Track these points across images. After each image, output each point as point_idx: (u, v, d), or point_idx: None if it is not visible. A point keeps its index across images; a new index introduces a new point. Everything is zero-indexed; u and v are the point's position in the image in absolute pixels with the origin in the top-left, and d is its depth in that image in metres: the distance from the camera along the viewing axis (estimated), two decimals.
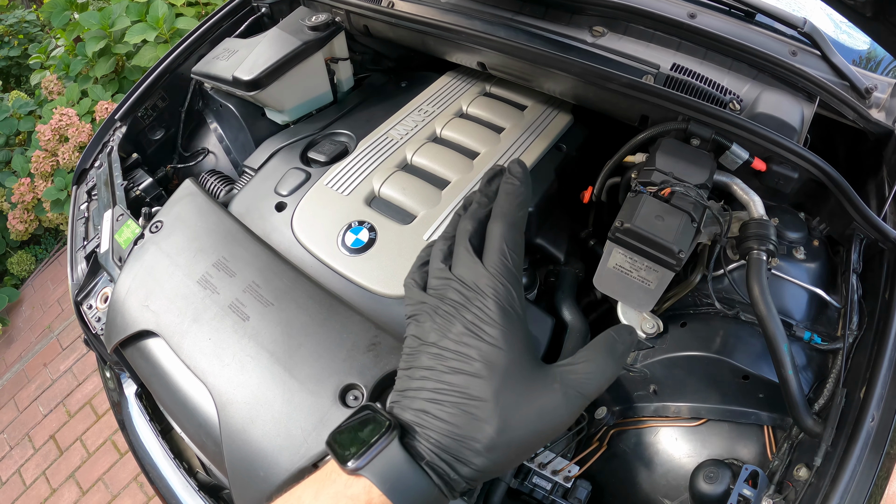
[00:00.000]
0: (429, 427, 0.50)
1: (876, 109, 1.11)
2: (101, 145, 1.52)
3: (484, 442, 0.49)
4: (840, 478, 0.74)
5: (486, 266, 0.55)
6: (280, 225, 1.13)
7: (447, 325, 0.54)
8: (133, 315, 1.04)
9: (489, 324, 0.53)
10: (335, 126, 1.39)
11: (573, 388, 0.52)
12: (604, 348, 0.55)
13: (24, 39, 4.42)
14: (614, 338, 0.56)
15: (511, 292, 0.54)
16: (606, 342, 0.56)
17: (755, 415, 0.89)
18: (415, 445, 0.50)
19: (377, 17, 1.41)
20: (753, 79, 1.14)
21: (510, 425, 0.49)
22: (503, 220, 0.58)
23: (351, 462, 0.48)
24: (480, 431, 0.49)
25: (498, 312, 0.53)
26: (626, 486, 0.96)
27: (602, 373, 0.53)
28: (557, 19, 1.31)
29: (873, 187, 1.09)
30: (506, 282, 0.54)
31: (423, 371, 0.53)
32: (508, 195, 0.61)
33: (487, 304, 0.53)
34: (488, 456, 0.49)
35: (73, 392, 2.74)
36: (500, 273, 0.55)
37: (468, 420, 0.49)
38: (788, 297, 0.95)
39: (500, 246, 0.56)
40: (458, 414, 0.50)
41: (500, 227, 0.58)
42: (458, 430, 0.49)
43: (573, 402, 0.52)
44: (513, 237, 0.57)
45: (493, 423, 0.49)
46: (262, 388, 0.88)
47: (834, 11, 0.88)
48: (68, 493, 2.45)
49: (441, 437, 0.49)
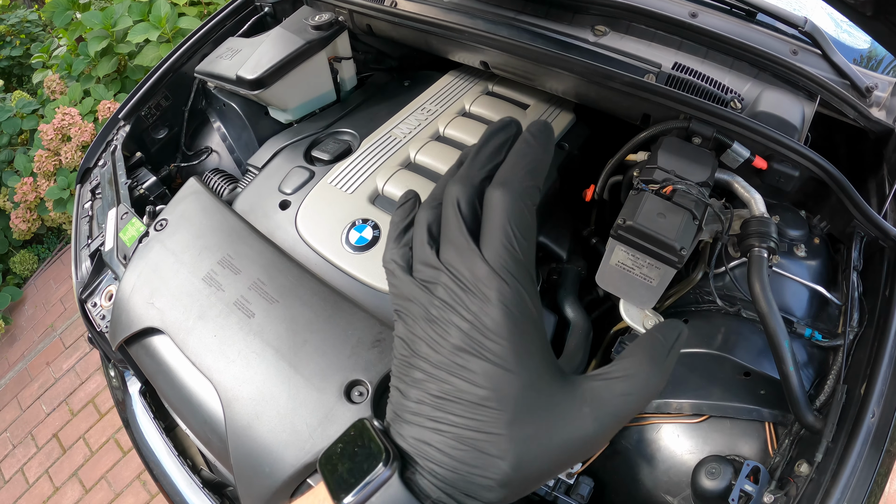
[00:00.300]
0: (432, 461, 0.40)
1: (876, 108, 1.12)
2: (104, 144, 1.53)
3: (497, 478, 0.39)
4: (841, 473, 0.74)
5: (486, 256, 0.40)
6: (284, 223, 1.14)
7: (441, 334, 0.41)
8: (138, 312, 1.05)
9: (494, 340, 0.39)
10: (338, 125, 1.40)
11: (607, 411, 0.40)
12: (649, 356, 0.42)
13: (25, 39, 4.42)
14: (660, 340, 0.42)
15: (521, 293, 0.40)
16: (651, 346, 0.42)
17: (757, 411, 0.90)
18: (416, 481, 0.40)
19: (380, 16, 1.41)
20: (754, 77, 1.15)
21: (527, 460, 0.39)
22: (508, 188, 0.41)
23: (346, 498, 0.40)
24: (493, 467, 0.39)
25: (504, 323, 0.39)
26: (629, 482, 0.96)
27: (644, 387, 0.41)
28: (560, 18, 1.31)
29: (874, 185, 1.09)
30: (513, 279, 0.40)
31: (416, 391, 0.42)
32: (519, 156, 0.44)
33: (490, 311, 0.39)
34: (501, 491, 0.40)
35: (75, 391, 2.75)
36: (504, 267, 0.40)
37: (477, 456, 0.39)
38: (789, 294, 0.95)
39: (503, 227, 0.40)
40: (465, 449, 0.40)
41: (503, 198, 0.41)
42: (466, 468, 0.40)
43: (606, 428, 0.40)
44: (520, 214, 0.41)
45: (508, 460, 0.39)
46: (267, 385, 0.88)
47: (835, 10, 0.88)
48: (71, 492, 2.45)
49: (447, 472, 0.40)
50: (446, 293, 0.41)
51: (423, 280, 0.43)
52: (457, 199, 0.42)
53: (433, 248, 0.43)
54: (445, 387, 0.40)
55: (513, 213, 0.41)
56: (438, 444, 0.40)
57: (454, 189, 0.43)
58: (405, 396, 0.42)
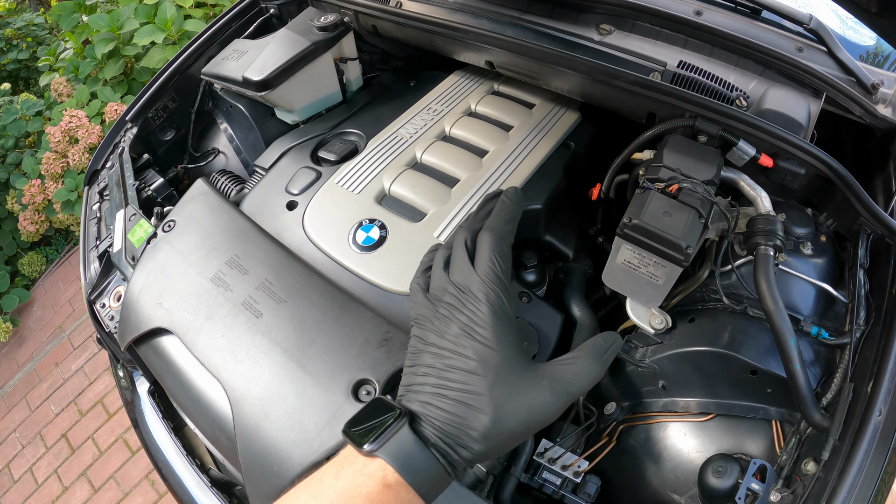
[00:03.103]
0: (433, 416, 0.56)
1: (882, 105, 1.12)
2: (112, 146, 1.54)
3: (480, 430, 0.55)
4: (847, 472, 0.74)
5: (478, 272, 0.63)
6: (291, 223, 1.14)
7: (445, 326, 0.61)
8: (147, 313, 1.06)
9: (482, 326, 0.59)
10: (345, 125, 1.40)
11: (560, 385, 0.58)
12: (591, 352, 0.61)
13: (32, 42, 4.45)
14: (601, 344, 0.63)
15: (501, 297, 0.61)
16: (594, 346, 0.62)
17: (763, 409, 0.90)
18: (422, 431, 0.56)
19: (385, 17, 1.42)
20: (760, 75, 1.15)
21: (503, 416, 0.56)
22: (492, 232, 0.66)
23: (367, 445, 0.54)
24: (477, 421, 0.56)
25: (490, 315, 0.60)
26: (636, 481, 0.96)
27: (587, 374, 0.60)
28: (564, 17, 1.31)
29: (880, 183, 1.09)
30: (496, 287, 0.62)
31: (425, 368, 0.60)
32: (499, 212, 0.71)
33: (480, 307, 0.60)
34: (484, 442, 0.56)
35: (84, 391, 2.76)
36: (490, 279, 0.62)
37: (467, 410, 0.56)
38: (796, 292, 0.95)
39: (489, 255, 0.64)
40: (458, 405, 0.56)
41: (488, 237, 0.66)
42: (458, 420, 0.56)
43: (560, 399, 0.58)
44: (500, 247, 0.65)
45: (488, 414, 0.56)
46: (275, 384, 0.89)
47: (840, 7, 0.88)
48: (80, 492, 2.47)
49: (444, 424, 0.56)
50: (452, 299, 0.62)
51: (435, 293, 0.65)
52: (464, 239, 0.68)
53: (446, 271, 0.66)
54: (447, 361, 0.59)
55: (495, 247, 0.65)
56: (439, 403, 0.57)
57: (462, 234, 0.69)
58: (415, 374, 0.60)
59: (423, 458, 0.54)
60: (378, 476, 0.53)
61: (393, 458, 0.53)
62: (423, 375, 0.59)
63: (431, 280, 0.67)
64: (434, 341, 0.61)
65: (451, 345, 0.59)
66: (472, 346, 0.58)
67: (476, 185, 1.15)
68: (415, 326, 0.64)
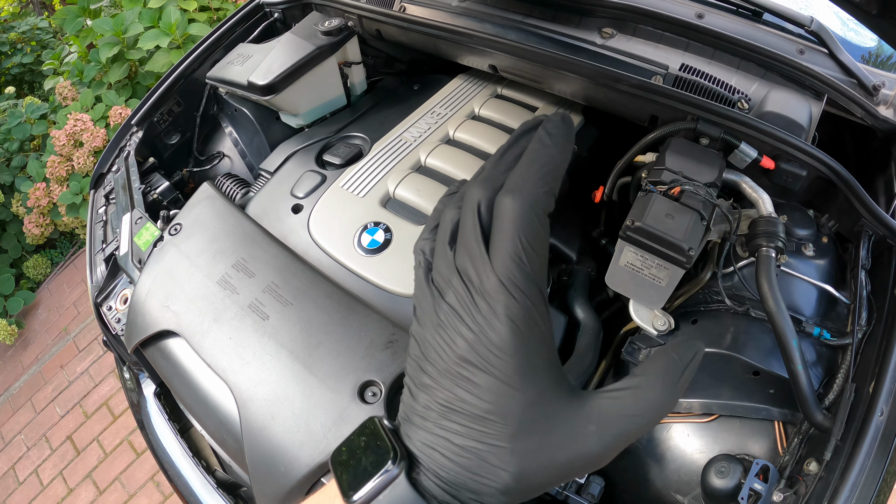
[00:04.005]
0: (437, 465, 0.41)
1: (884, 106, 1.12)
2: (117, 150, 1.55)
3: (499, 486, 0.40)
4: (849, 471, 0.75)
5: (495, 267, 0.39)
6: (297, 227, 1.15)
7: (448, 341, 0.41)
8: (154, 315, 1.07)
9: (498, 356, 0.39)
10: (349, 129, 1.41)
11: (613, 431, 0.40)
12: (663, 375, 0.41)
13: (36, 46, 4.47)
14: (676, 361, 0.42)
15: (529, 309, 0.39)
16: (666, 366, 0.42)
17: (766, 410, 0.90)
18: (422, 482, 0.42)
19: (389, 21, 1.43)
20: (761, 78, 1.16)
21: (530, 472, 0.40)
22: (519, 196, 0.40)
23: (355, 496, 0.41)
24: (495, 476, 0.40)
25: (510, 340, 0.39)
26: (639, 481, 0.97)
27: (653, 409, 0.40)
28: (567, 22, 1.32)
29: (882, 184, 1.09)
30: (521, 294, 0.39)
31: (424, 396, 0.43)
32: (532, 158, 0.42)
33: (496, 326, 0.39)
34: (503, 498, 0.41)
35: (89, 393, 2.77)
36: (512, 281, 0.39)
37: (480, 465, 0.40)
38: (798, 293, 0.96)
39: (512, 238, 0.39)
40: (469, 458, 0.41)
41: (513, 206, 0.39)
42: (469, 475, 0.41)
43: (610, 448, 0.40)
44: (530, 224, 0.39)
45: (510, 471, 0.40)
46: (282, 386, 0.90)
47: (841, 9, 0.89)
48: (85, 493, 2.47)
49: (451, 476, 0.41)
50: (456, 299, 0.41)
51: (438, 282, 0.43)
52: (477, 202, 0.41)
53: (452, 247, 0.42)
54: (451, 396, 0.41)
55: (522, 224, 0.39)
56: (444, 450, 0.41)
57: (475, 192, 0.42)
58: (415, 399, 0.43)
59: None
60: None
61: None
62: (423, 406, 0.42)
63: (434, 257, 0.44)
64: (433, 358, 0.42)
65: (455, 371, 0.40)
66: (485, 381, 0.39)
67: None
68: (413, 320, 0.45)
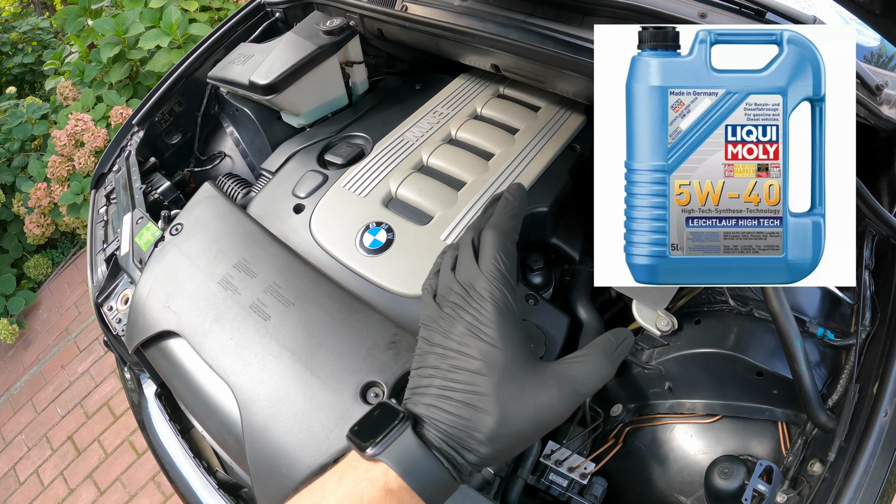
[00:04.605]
0: (437, 419, 0.55)
1: (887, 106, 1.11)
2: (118, 150, 1.55)
3: (486, 432, 0.53)
4: (853, 472, 0.74)
5: (482, 270, 0.60)
6: (298, 227, 1.15)
7: (450, 326, 0.59)
8: (155, 316, 1.06)
9: (486, 325, 0.57)
10: (351, 129, 1.41)
11: (569, 385, 0.55)
12: (601, 349, 0.58)
13: (37, 46, 4.47)
14: (611, 340, 0.59)
15: (506, 294, 0.59)
16: (604, 344, 0.59)
17: (769, 411, 0.90)
18: (425, 434, 0.54)
19: (391, 20, 1.42)
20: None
21: (509, 418, 0.54)
22: (495, 229, 0.64)
23: (370, 449, 0.53)
24: (483, 423, 0.54)
25: (494, 313, 0.58)
26: (642, 482, 0.97)
27: (597, 372, 0.57)
28: (569, 21, 1.32)
29: (885, 184, 1.09)
30: (500, 285, 0.59)
31: (430, 370, 0.58)
32: (502, 209, 0.67)
33: (485, 305, 0.58)
34: (490, 445, 0.54)
35: (90, 393, 2.77)
36: (494, 277, 0.59)
37: (472, 412, 0.54)
38: (801, 293, 0.95)
39: (492, 252, 0.61)
40: (463, 407, 0.54)
41: (491, 235, 0.63)
42: (463, 422, 0.54)
43: (568, 398, 0.55)
44: (503, 244, 0.62)
45: (494, 415, 0.54)
46: (283, 386, 0.90)
47: (843, 9, 0.88)
48: (86, 494, 2.47)
49: (448, 427, 0.54)
50: (457, 298, 0.60)
51: (441, 295, 0.63)
52: (471, 238, 0.65)
53: (453, 271, 0.64)
54: (452, 361, 0.57)
55: (499, 244, 0.62)
56: (444, 405, 0.55)
57: (468, 234, 0.67)
58: (421, 376, 0.59)
59: (427, 463, 0.53)
60: (380, 481, 0.52)
61: (396, 462, 0.52)
62: (428, 377, 0.58)
63: (439, 281, 0.65)
64: (439, 342, 0.59)
65: (456, 345, 0.57)
66: (477, 345, 0.56)
67: (482, 188, 1.16)
68: (422, 328, 0.62)
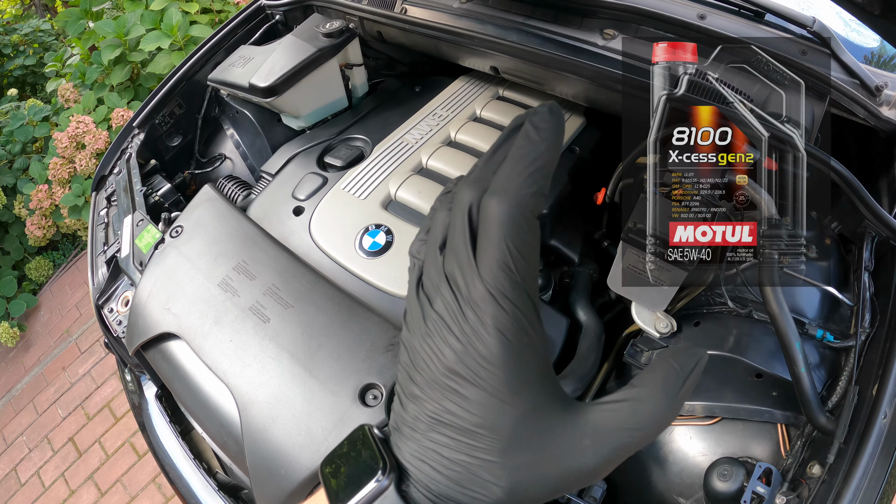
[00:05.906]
0: (427, 479, 0.39)
1: (887, 107, 1.11)
2: (119, 152, 1.55)
3: (491, 501, 0.38)
4: (853, 474, 0.74)
5: (483, 275, 0.36)
6: (298, 229, 1.15)
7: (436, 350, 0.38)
8: (155, 318, 1.07)
9: (487, 368, 0.37)
10: (351, 131, 1.41)
11: (609, 445, 0.37)
12: (661, 386, 0.38)
13: (38, 48, 4.47)
14: (675, 369, 0.38)
15: (519, 319, 0.36)
16: (664, 375, 0.38)
17: (769, 413, 0.90)
18: (412, 494, 0.40)
19: (390, 23, 1.42)
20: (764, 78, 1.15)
21: (522, 487, 0.38)
22: (505, 198, 0.36)
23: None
24: (487, 491, 0.38)
25: (499, 352, 0.36)
26: (641, 484, 0.96)
27: (651, 421, 0.37)
28: (568, 23, 1.32)
29: (885, 185, 1.09)
30: (510, 304, 0.36)
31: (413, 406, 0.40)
32: (518, 156, 0.38)
33: (484, 337, 0.36)
34: None
35: (91, 395, 2.77)
36: (500, 291, 0.36)
37: (472, 479, 0.38)
38: (800, 295, 0.95)
39: (499, 244, 0.36)
40: (460, 471, 0.38)
41: (499, 209, 0.36)
42: (460, 489, 0.38)
43: (605, 462, 0.37)
44: (518, 228, 0.36)
45: (501, 486, 0.38)
46: (282, 388, 0.90)
47: (843, 10, 0.88)
48: (87, 495, 2.47)
49: (442, 489, 0.39)
50: (444, 307, 0.38)
51: (427, 288, 0.40)
52: (468, 205, 0.38)
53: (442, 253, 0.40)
54: (439, 408, 0.38)
55: (509, 228, 0.36)
56: (434, 462, 0.39)
57: (465, 194, 0.39)
58: (404, 409, 0.41)
59: None
60: None
61: None
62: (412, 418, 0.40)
63: (425, 261, 0.41)
64: (422, 368, 0.39)
65: (443, 382, 0.38)
66: (474, 394, 0.37)
67: None
68: (403, 326, 0.41)
